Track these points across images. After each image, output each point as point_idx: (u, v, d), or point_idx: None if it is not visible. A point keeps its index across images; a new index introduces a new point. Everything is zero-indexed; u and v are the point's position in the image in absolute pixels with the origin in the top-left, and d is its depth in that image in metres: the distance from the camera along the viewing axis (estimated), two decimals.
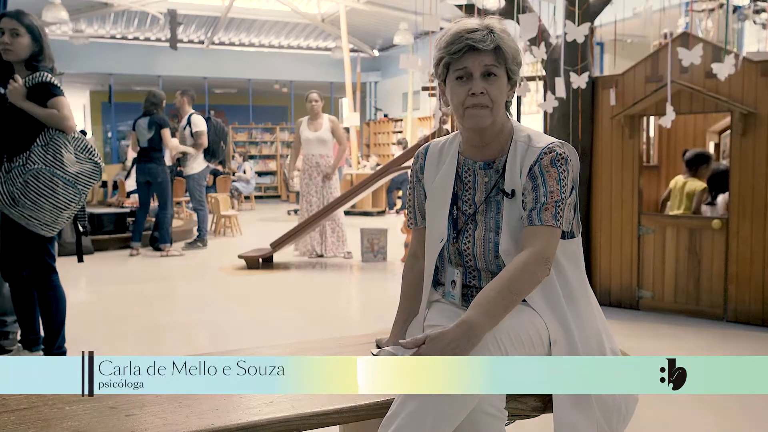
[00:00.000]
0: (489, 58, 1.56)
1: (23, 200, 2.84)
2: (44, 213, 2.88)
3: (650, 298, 4.38)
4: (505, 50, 1.57)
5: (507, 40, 1.59)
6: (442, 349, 1.37)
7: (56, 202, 2.89)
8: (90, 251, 7.15)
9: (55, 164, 2.88)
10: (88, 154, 3.01)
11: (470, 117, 1.59)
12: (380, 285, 5.65)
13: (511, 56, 1.59)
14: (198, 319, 4.51)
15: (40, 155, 2.88)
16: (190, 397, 1.48)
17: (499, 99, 1.59)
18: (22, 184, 2.84)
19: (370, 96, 18.39)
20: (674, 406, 2.80)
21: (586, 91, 4.37)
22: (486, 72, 1.57)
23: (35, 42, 2.98)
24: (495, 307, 1.44)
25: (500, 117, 1.62)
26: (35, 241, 2.98)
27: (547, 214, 1.53)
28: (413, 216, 1.82)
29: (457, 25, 1.61)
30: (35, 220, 2.89)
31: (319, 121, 6.63)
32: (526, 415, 1.58)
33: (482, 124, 1.59)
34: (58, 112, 2.91)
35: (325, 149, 6.62)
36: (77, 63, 14.60)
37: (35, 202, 2.85)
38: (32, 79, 2.93)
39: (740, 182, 4.02)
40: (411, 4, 5.44)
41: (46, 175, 2.86)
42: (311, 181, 6.58)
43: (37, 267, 3.02)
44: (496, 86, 1.58)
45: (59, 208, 2.90)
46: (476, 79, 1.57)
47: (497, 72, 1.57)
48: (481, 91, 1.56)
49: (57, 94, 2.93)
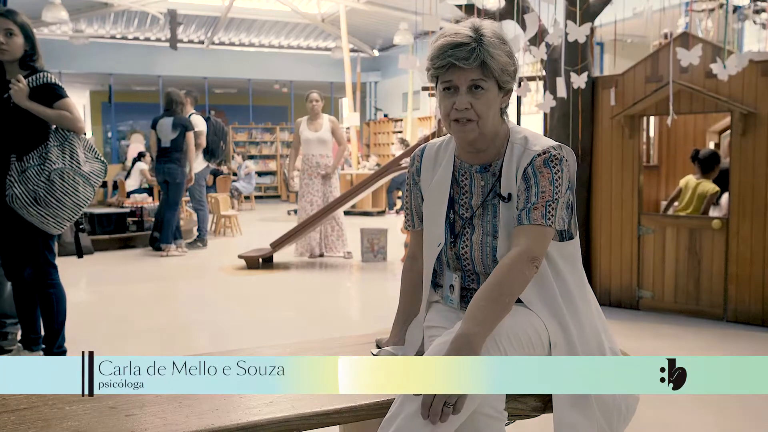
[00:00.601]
0: (475, 73, 1.52)
1: (48, 199, 2.89)
2: (65, 211, 2.94)
3: (650, 298, 4.38)
4: (491, 65, 1.52)
5: (495, 52, 1.52)
6: None
7: (78, 200, 2.97)
8: (90, 251, 7.16)
9: (73, 164, 2.96)
10: (93, 154, 3.08)
11: (455, 130, 1.58)
12: (380, 285, 5.65)
13: (500, 68, 1.54)
14: (198, 319, 4.51)
15: (58, 155, 2.94)
16: (190, 397, 1.48)
17: (486, 112, 1.55)
18: (47, 183, 2.89)
19: (370, 96, 18.39)
20: (674, 406, 2.80)
21: (586, 91, 4.37)
22: (473, 86, 1.53)
23: (27, 41, 2.99)
24: (489, 315, 1.43)
25: (489, 127, 1.58)
26: (37, 239, 3.00)
27: (537, 213, 1.52)
28: (411, 218, 1.81)
29: (445, 35, 1.56)
30: (52, 219, 2.94)
31: (319, 122, 6.62)
32: (526, 415, 1.58)
33: (467, 138, 1.58)
34: (71, 114, 2.96)
35: (325, 149, 6.62)
36: (77, 63, 14.60)
37: (60, 201, 2.91)
38: (35, 80, 2.94)
39: (740, 182, 4.02)
40: (411, 4, 5.44)
41: (70, 174, 2.93)
42: (311, 181, 6.57)
43: (39, 264, 3.04)
44: (483, 100, 1.54)
45: (79, 206, 2.99)
46: (461, 94, 1.54)
47: (485, 85, 1.53)
48: (466, 107, 1.53)
49: (63, 96, 2.98)
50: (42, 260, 3.04)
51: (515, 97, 4.99)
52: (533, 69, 6.08)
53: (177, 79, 15.56)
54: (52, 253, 3.11)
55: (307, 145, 6.58)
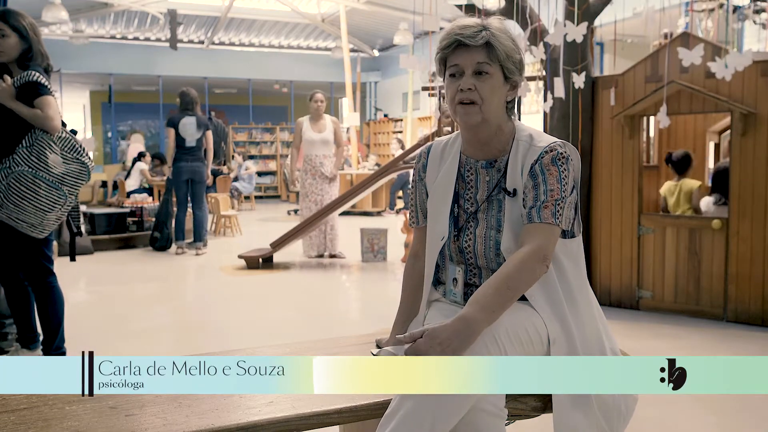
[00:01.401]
0: (480, 55, 1.57)
1: (6, 203, 2.82)
2: (28, 215, 2.85)
3: (650, 298, 4.38)
4: (497, 47, 1.57)
5: (501, 38, 1.58)
6: (440, 343, 1.37)
7: (39, 204, 2.85)
8: (90, 251, 7.16)
9: (39, 166, 2.84)
10: (75, 154, 2.95)
11: (459, 113, 1.60)
12: (380, 285, 5.65)
13: (505, 54, 1.58)
14: (198, 319, 4.51)
15: (24, 156, 2.84)
16: (190, 397, 1.48)
17: (490, 97, 1.58)
18: (6, 187, 2.82)
19: (370, 96, 18.39)
20: (674, 406, 2.80)
21: (586, 91, 4.37)
22: (477, 70, 1.57)
23: (23, 40, 2.93)
24: (492, 304, 1.44)
25: (494, 116, 1.61)
26: (29, 244, 2.96)
27: (547, 212, 1.53)
28: (415, 215, 1.82)
29: (454, 23, 1.62)
30: (22, 222, 2.87)
31: (322, 122, 6.62)
32: (526, 415, 1.58)
33: (471, 121, 1.59)
34: (42, 111, 2.84)
35: (328, 150, 6.62)
36: (77, 63, 14.60)
37: (18, 205, 2.83)
38: (20, 79, 2.88)
39: (740, 182, 4.02)
40: (411, 4, 5.44)
41: (29, 177, 2.83)
42: (314, 182, 6.56)
43: (33, 269, 3.00)
44: (487, 84, 1.57)
45: (43, 210, 2.87)
46: (467, 76, 1.58)
47: (489, 70, 1.57)
48: (470, 87, 1.57)
49: (43, 93, 2.87)
50: (36, 266, 3.00)
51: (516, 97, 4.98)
52: (533, 69, 6.08)
53: (177, 79, 15.56)
54: (48, 259, 3.05)
55: (310, 145, 6.56)
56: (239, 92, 18.49)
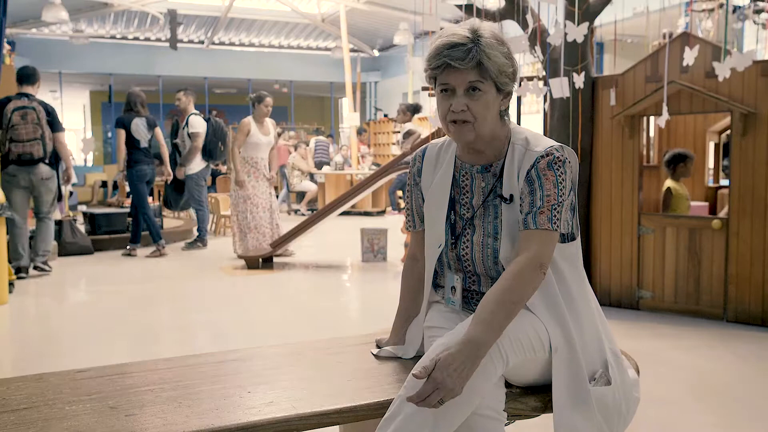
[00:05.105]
0: (471, 75, 1.51)
1: None
2: None
3: (650, 298, 4.38)
4: (488, 66, 1.51)
5: (492, 53, 1.51)
6: (455, 370, 1.35)
7: None
8: (90, 251, 7.16)
9: None
10: None
11: (452, 131, 1.58)
12: (380, 285, 5.65)
13: (497, 70, 1.52)
14: (198, 319, 4.51)
15: None
16: (190, 397, 1.48)
17: (484, 114, 1.54)
18: None
19: (370, 96, 18.40)
20: (674, 406, 2.80)
21: (586, 91, 4.37)
22: (470, 87, 1.53)
23: None
24: (497, 320, 1.43)
25: (487, 129, 1.57)
26: None
27: (543, 217, 1.52)
28: (411, 219, 1.81)
29: (442, 36, 1.55)
30: None
31: (266, 126, 6.71)
32: (526, 415, 1.57)
33: (464, 140, 1.57)
34: None
35: (268, 153, 6.73)
36: (77, 63, 14.60)
37: None
38: None
39: (740, 182, 4.02)
40: (411, 4, 5.44)
41: None
42: (258, 184, 6.60)
43: None
44: (480, 102, 1.53)
45: None
46: (458, 96, 1.53)
47: (482, 87, 1.52)
48: (462, 108, 1.53)
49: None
50: None
51: (515, 97, 4.98)
52: (533, 69, 6.08)
53: (177, 79, 15.57)
54: None
55: (256, 148, 6.61)
56: (239, 92, 18.49)
